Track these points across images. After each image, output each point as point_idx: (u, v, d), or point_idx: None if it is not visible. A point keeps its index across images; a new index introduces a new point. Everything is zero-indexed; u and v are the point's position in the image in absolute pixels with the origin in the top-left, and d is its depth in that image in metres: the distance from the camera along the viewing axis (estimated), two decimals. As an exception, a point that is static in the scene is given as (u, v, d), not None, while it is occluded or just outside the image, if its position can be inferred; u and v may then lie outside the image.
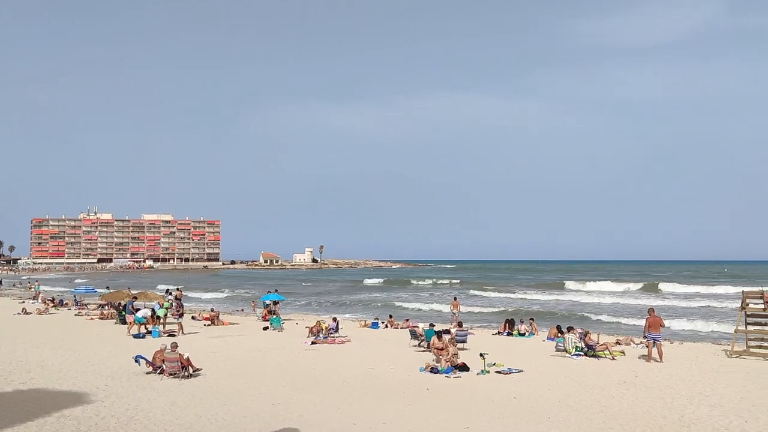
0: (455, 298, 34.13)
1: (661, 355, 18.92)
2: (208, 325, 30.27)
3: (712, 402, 13.26)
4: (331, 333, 25.39)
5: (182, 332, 25.88)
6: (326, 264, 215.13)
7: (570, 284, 76.26)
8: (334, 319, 27.54)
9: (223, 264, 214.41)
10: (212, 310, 34.39)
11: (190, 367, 16.01)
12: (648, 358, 19.08)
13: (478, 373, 16.68)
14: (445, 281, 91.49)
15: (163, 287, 43.61)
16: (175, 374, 15.66)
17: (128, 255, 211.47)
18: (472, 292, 64.80)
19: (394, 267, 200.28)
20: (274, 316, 30.79)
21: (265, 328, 28.78)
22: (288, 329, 28.74)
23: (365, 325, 30.81)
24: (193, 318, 32.83)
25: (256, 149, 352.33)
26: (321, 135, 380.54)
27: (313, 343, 23.50)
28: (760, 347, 20.17)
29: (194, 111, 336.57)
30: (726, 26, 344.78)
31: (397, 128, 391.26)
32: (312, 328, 25.46)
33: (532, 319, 28.55)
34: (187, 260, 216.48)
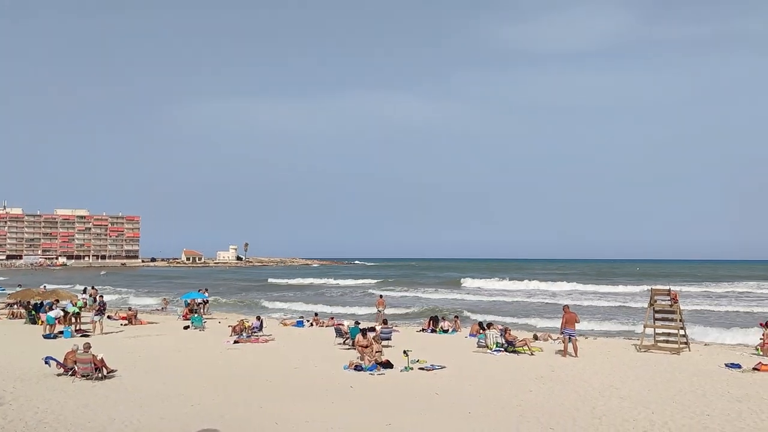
0: (381, 296, 34.32)
1: (576, 350, 19.67)
2: (126, 324, 29.22)
3: (622, 394, 13.91)
4: (255, 332, 25.01)
5: (102, 331, 24.90)
6: (251, 262, 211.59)
7: (467, 282, 77.92)
8: (258, 318, 27.15)
9: (143, 261, 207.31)
10: (130, 309, 33.21)
11: (104, 368, 15.40)
12: (564, 353, 19.79)
13: (401, 370, 16.84)
14: (350, 281, 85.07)
15: (81, 287, 41.68)
16: (88, 376, 15.03)
17: (39, 252, 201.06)
18: (370, 291, 62.83)
19: (314, 265, 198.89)
20: (196, 315, 30.06)
21: (186, 328, 28.03)
22: (210, 328, 28.11)
23: (290, 324, 30.52)
24: (109, 318, 31.56)
25: (179, 145, 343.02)
26: (247, 131, 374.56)
27: (236, 342, 23.09)
28: (666, 342, 21.31)
29: (114, 104, 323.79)
30: (635, 37, 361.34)
31: (324, 125, 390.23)
32: (235, 327, 25.01)
33: (456, 317, 29.09)
34: (104, 257, 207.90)
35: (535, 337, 23.65)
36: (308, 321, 30.66)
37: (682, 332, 21.14)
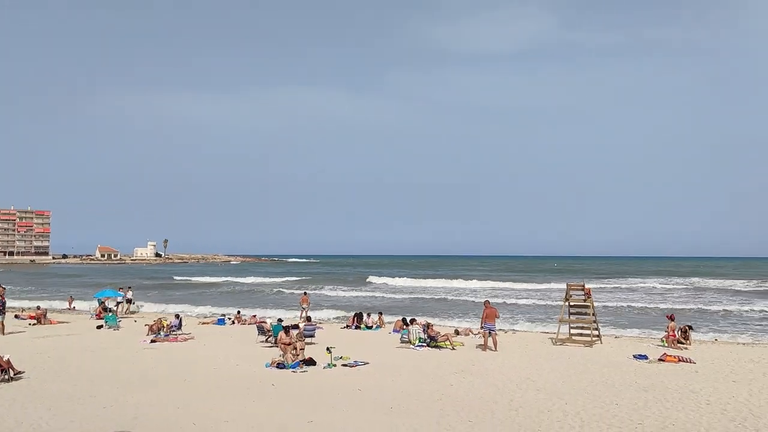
0: (305, 293, 34.08)
1: (495, 344, 20.18)
2: (34, 324, 27.76)
3: (538, 386, 14.38)
4: (174, 330, 24.31)
5: (3, 332, 23.53)
6: (171, 259, 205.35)
7: (373, 279, 77.66)
8: (177, 316, 26.40)
9: (54, 258, 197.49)
10: (38, 308, 31.55)
11: (10, 370, 14.60)
12: (484, 347, 20.28)
13: (324, 367, 16.79)
14: (262, 279, 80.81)
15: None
16: (-9, 379, 14.17)
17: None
18: (278, 289, 61.54)
19: (233, 262, 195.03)
20: (110, 314, 28.91)
21: (99, 327, 26.91)
22: (126, 327, 27.12)
23: (210, 322, 29.85)
24: (16, 317, 29.94)
25: (94, 137, 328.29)
26: (169, 125, 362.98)
27: (153, 341, 22.36)
28: (580, 335, 22.21)
29: (22, 93, 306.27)
30: (556, 40, 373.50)
31: (252, 120, 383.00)
32: (152, 325, 24.22)
33: (381, 313, 29.24)
34: (11, 254, 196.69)
35: (457, 332, 24.11)
36: (230, 319, 30.08)
37: (594, 326, 22.10)
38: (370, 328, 26.97)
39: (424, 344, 20.70)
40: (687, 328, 22.27)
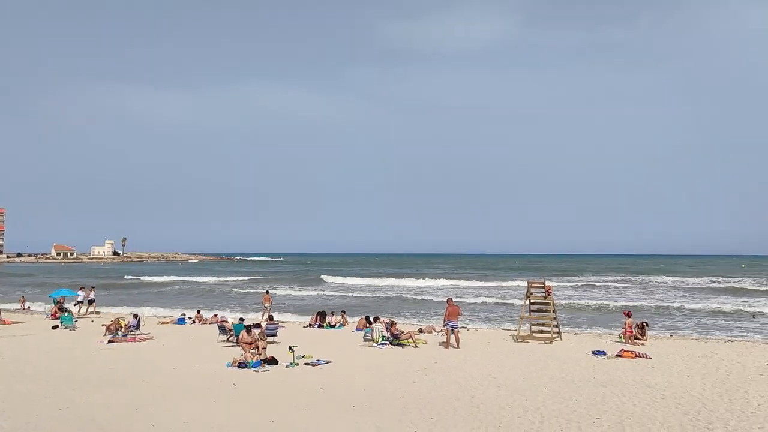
0: (267, 292, 33.80)
1: (458, 342, 20.34)
2: (-14, 325, 26.91)
3: (499, 383, 14.54)
4: (132, 330, 23.85)
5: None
6: (129, 257, 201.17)
7: (327, 278, 76.72)
8: (135, 316, 25.90)
9: (8, 257, 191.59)
10: (-9, 309, 30.59)
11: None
12: (446, 344, 20.41)
13: (286, 366, 16.69)
14: (214, 278, 77.61)
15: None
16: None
17: None
18: (233, 289, 59.83)
19: (191, 260, 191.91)
20: (66, 314, 28.20)
21: (55, 327, 26.25)
22: (83, 327, 26.49)
23: (170, 322, 29.38)
24: (-34, 318, 28.95)
25: (48, 134, 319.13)
26: (130, 123, 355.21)
27: (110, 341, 21.91)
28: (541, 332, 22.55)
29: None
30: (520, 39, 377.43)
31: (212, 117, 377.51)
32: (109, 325, 23.71)
33: (344, 311, 29.18)
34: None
35: (420, 331, 24.23)
36: (190, 318, 29.66)
37: (555, 322, 22.45)
38: (333, 326, 26.89)
39: (387, 342, 20.75)
40: (643, 324, 22.79)
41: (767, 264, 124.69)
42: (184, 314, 31.32)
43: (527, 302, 22.95)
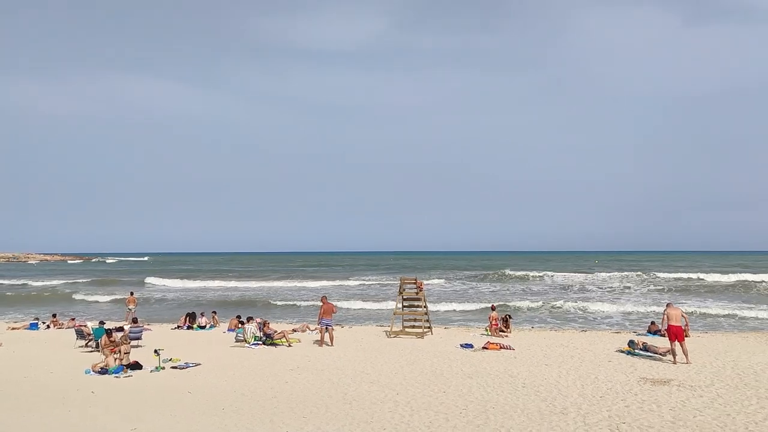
0: (132, 293, 32.07)
1: (332, 339, 20.37)
2: None
3: (372, 379, 14.73)
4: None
5: None
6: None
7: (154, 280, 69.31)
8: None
9: None
10: None
11: None
12: (321, 343, 20.38)
13: (152, 371, 15.93)
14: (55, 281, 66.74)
15: None
16: None
17: None
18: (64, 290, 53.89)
19: (31, 261, 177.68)
20: None
21: None
22: None
23: (21, 327, 27.08)
24: None
25: None
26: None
27: (-51, 351, 19.83)
28: (413, 327, 23.11)
29: None
30: (391, 41, 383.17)
31: (72, 107, 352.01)
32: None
33: (215, 312, 28.32)
34: None
35: (294, 330, 24.02)
36: (44, 323, 27.52)
37: (426, 318, 23.10)
38: (203, 327, 26.02)
39: (260, 342, 20.38)
40: (507, 317, 24.03)
41: (616, 258, 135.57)
42: (37, 318, 28.99)
43: (400, 298, 23.44)
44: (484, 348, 19.33)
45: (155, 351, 16.78)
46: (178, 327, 26.34)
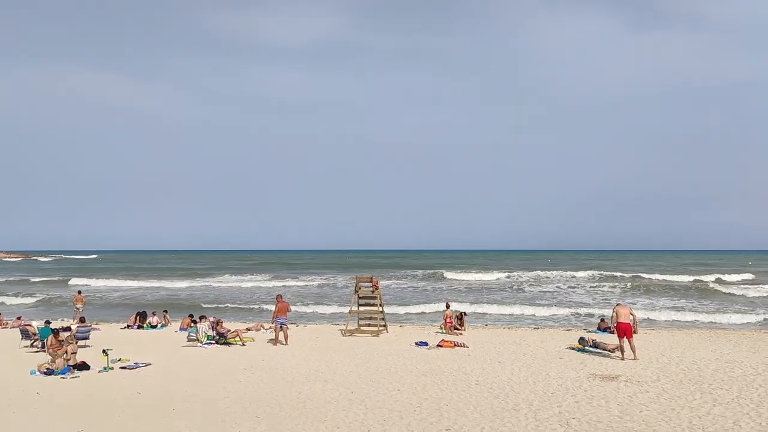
0: (79, 292, 31.19)
1: (286, 338, 20.22)
2: None
3: (326, 378, 14.67)
4: None
5: None
6: None
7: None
8: None
9: None
10: None
11: None
12: (275, 341, 20.21)
13: (100, 371, 15.53)
14: None
15: None
16: None
17: None
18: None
19: None
20: None
21: None
22: None
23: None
24: None
25: None
26: None
27: None
28: (368, 325, 23.12)
29: None
30: (347, 40, 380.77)
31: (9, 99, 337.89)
32: None
33: (166, 311, 27.77)
34: None
35: (248, 329, 23.74)
36: (-13, 323, 26.52)
37: (381, 316, 23.14)
38: (154, 327, 25.49)
39: (213, 342, 20.09)
40: (461, 314, 24.26)
41: (572, 257, 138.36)
42: (-21, 318, 27.89)
43: (355, 297, 23.42)
44: (438, 346, 19.47)
45: (104, 351, 16.35)
46: (128, 326, 25.73)
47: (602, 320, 24.20)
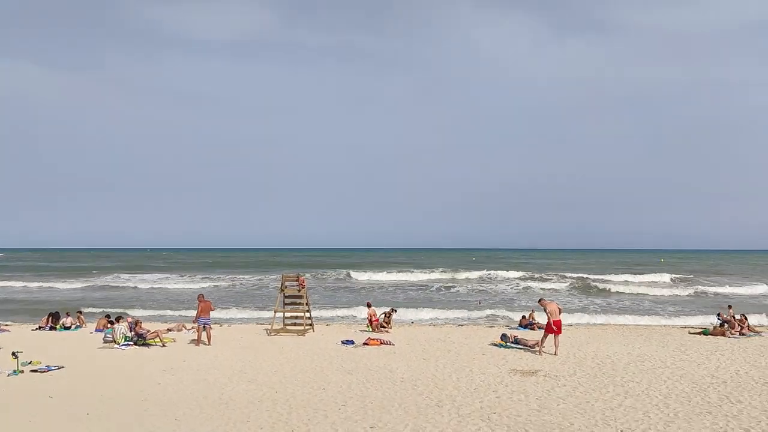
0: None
1: (209, 339, 19.76)
2: None
3: (250, 378, 14.43)
4: None
5: None
6: None
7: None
8: None
9: None
10: None
11: None
12: (197, 342, 19.71)
13: (9, 375, 14.71)
14: None
15: None
16: None
17: None
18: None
19: None
20: None
21: None
22: None
23: None
24: None
25: None
26: None
27: None
28: (294, 325, 22.90)
29: None
30: (275, 36, 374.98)
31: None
32: None
33: (80, 312, 26.62)
34: None
35: (169, 329, 23.05)
36: None
37: (308, 315, 22.97)
38: (68, 328, 24.35)
39: (131, 343, 19.39)
40: (391, 311, 24.42)
41: (492, 255, 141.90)
42: None
43: (281, 295, 23.15)
44: (365, 344, 19.52)
45: (13, 353, 15.49)
46: (40, 328, 24.48)
47: (523, 317, 24.91)
